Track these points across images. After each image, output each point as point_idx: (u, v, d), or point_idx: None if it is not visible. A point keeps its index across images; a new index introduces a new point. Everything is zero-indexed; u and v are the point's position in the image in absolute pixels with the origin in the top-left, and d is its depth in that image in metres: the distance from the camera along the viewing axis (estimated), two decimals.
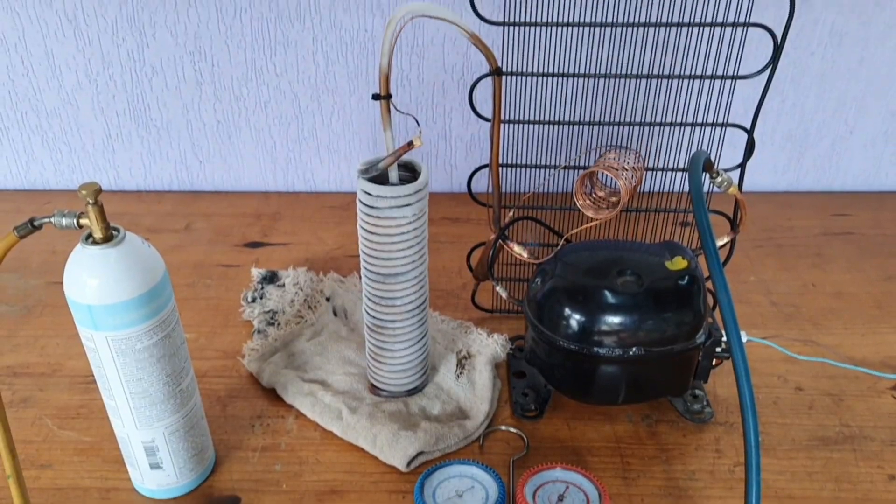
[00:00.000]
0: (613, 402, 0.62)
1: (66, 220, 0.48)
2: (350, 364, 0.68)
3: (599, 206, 0.64)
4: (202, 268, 0.84)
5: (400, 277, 0.57)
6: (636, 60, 0.83)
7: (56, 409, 0.64)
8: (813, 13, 0.88)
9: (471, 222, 0.93)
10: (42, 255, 0.84)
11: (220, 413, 0.64)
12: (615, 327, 0.56)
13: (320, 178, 1.01)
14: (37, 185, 1.02)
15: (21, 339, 0.72)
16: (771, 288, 0.80)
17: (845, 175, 1.01)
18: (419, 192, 0.55)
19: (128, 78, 0.93)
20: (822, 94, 0.94)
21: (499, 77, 0.59)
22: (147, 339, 0.49)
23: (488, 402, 0.63)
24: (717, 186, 0.59)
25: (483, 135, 0.97)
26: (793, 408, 0.64)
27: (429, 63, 0.92)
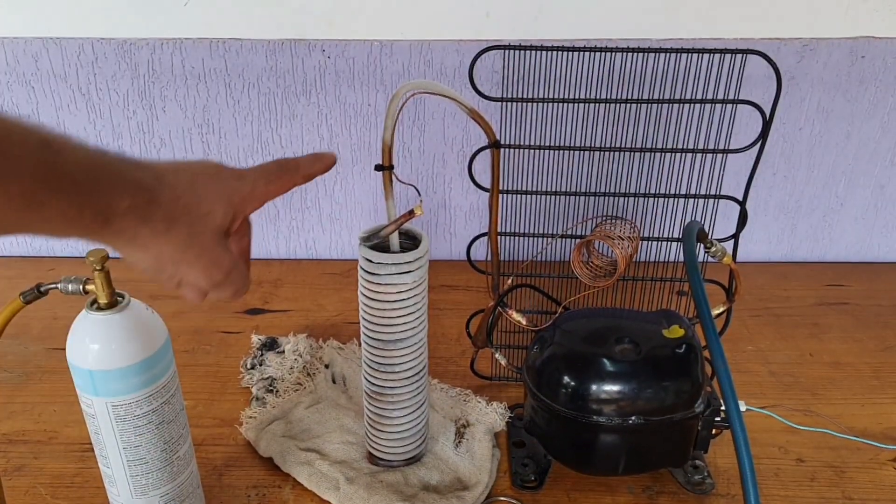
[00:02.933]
0: (614, 472, 0.61)
1: (72, 287, 0.49)
2: (348, 432, 0.67)
3: (596, 274, 0.65)
4: (202, 334, 0.84)
5: (400, 344, 0.58)
6: (630, 134, 0.86)
7: (51, 478, 0.63)
8: (800, 91, 0.91)
9: (470, 290, 0.94)
10: (43, 321, 0.84)
11: (215, 482, 0.63)
12: (614, 395, 0.57)
13: (322, 246, 1.03)
14: (42, 252, 1.03)
15: (18, 406, 0.72)
16: (769, 357, 0.81)
17: (838, 246, 1.02)
18: (419, 260, 0.56)
19: (137, 149, 0.95)
20: (812, 168, 0.97)
21: (497, 149, 0.61)
22: (147, 405, 0.49)
23: (487, 472, 0.63)
24: (712, 256, 0.61)
25: (482, 204, 0.99)
26: (794, 479, 0.63)
27: (430, 135, 0.95)
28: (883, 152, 0.95)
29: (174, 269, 0.40)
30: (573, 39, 0.87)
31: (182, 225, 0.39)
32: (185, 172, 0.41)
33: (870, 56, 0.89)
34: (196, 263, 0.41)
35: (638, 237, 0.64)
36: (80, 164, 0.34)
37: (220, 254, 0.42)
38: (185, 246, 0.39)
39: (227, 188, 0.43)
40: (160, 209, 0.38)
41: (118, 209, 0.36)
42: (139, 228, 0.37)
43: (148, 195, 0.37)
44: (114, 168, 0.36)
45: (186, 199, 0.39)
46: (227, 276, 0.42)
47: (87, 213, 0.35)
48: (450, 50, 0.88)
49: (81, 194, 0.34)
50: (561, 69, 0.68)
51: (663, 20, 0.87)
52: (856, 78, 0.90)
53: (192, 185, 0.40)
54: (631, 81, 0.84)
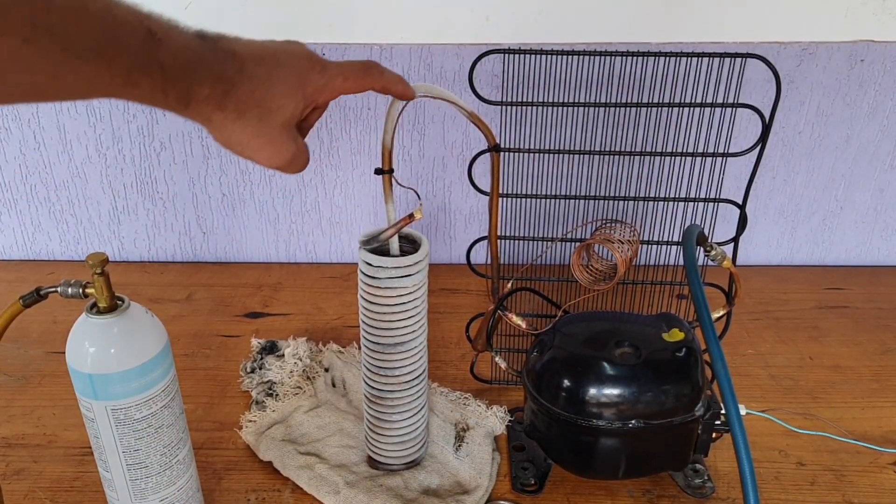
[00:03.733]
0: (614, 476, 0.61)
1: (71, 290, 0.49)
2: (348, 436, 0.67)
3: (596, 277, 0.65)
4: (202, 338, 0.84)
5: (399, 347, 0.58)
6: (630, 138, 0.86)
7: (50, 482, 0.63)
8: (799, 95, 0.91)
9: (470, 293, 0.94)
10: (43, 325, 0.84)
11: (215, 486, 0.63)
12: (614, 399, 0.57)
13: (322, 250, 1.03)
14: (42, 256, 1.03)
15: (17, 410, 0.72)
16: (769, 361, 0.81)
17: (838, 249, 1.03)
18: (419, 264, 0.56)
19: (136, 152, 0.96)
20: (812, 171, 0.97)
21: (497, 153, 0.62)
22: (146, 408, 0.49)
23: (487, 476, 0.63)
24: (712, 260, 0.61)
25: (482, 208, 0.99)
26: (795, 483, 0.63)
27: (430, 139, 0.95)
28: (882, 156, 0.96)
29: (240, 150, 0.45)
30: (573, 43, 0.87)
31: (252, 116, 0.44)
32: (269, 63, 0.45)
33: (869, 60, 0.89)
34: (262, 150, 0.45)
35: (638, 241, 0.64)
36: (173, 54, 0.39)
37: (286, 143, 0.46)
38: (253, 134, 0.44)
39: (304, 81, 0.46)
40: (234, 100, 0.43)
41: (197, 96, 0.41)
42: (214, 114, 0.43)
43: (226, 86, 0.42)
44: (202, 58, 0.41)
45: (261, 93, 0.44)
46: (289, 163, 0.47)
47: (171, 96, 0.40)
48: (450, 54, 0.89)
49: (168, 80, 0.39)
50: (561, 73, 0.69)
51: (663, 24, 0.87)
52: (855, 81, 0.91)
53: (269, 78, 0.44)
54: (631, 85, 0.84)
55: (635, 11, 0.86)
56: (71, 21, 0.34)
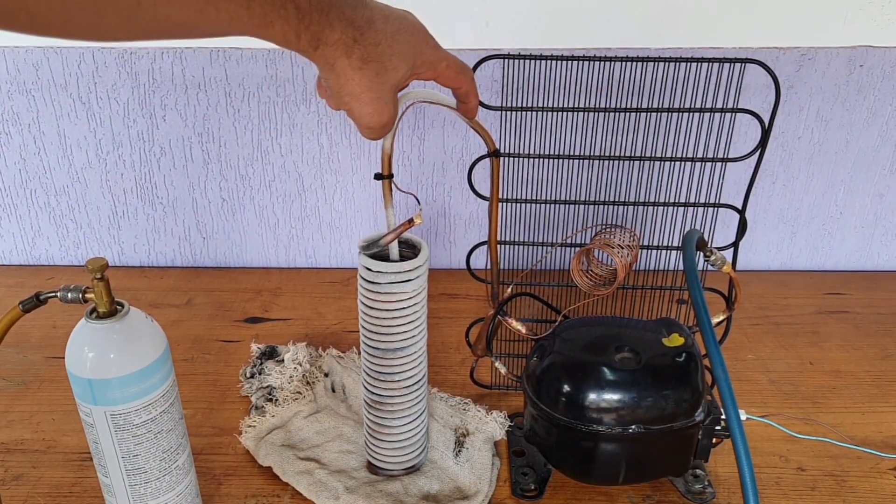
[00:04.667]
0: (614, 481, 0.61)
1: (71, 295, 0.49)
2: (348, 441, 0.67)
3: (596, 283, 0.65)
4: (201, 343, 0.84)
5: (399, 353, 0.58)
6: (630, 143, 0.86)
7: (49, 487, 0.63)
8: (798, 100, 0.92)
9: (469, 298, 0.94)
10: (42, 330, 0.84)
11: (214, 491, 0.63)
12: (614, 404, 0.56)
13: (321, 255, 1.03)
14: (41, 261, 1.03)
15: (16, 415, 0.72)
16: (769, 366, 0.81)
17: (838, 254, 1.03)
18: (419, 269, 0.56)
19: (136, 157, 0.96)
20: (811, 176, 0.97)
21: (497, 158, 0.62)
22: (146, 414, 0.49)
23: (487, 481, 0.62)
24: (712, 265, 0.61)
25: (481, 213, 0.99)
26: (795, 488, 0.63)
27: (429, 144, 0.95)
28: (882, 161, 0.96)
29: (349, 100, 0.46)
30: (572, 48, 0.88)
31: (371, 69, 0.45)
32: (394, 23, 0.46)
33: (868, 65, 0.90)
34: (368, 104, 0.46)
35: (638, 246, 0.64)
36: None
37: (389, 105, 0.47)
38: (367, 86, 0.45)
39: (419, 51, 0.48)
40: (361, 48, 0.44)
41: (328, 40, 0.43)
42: (339, 59, 0.44)
43: (355, 33, 0.44)
44: (337, 3, 0.43)
45: (384, 48, 0.45)
46: (386, 124, 0.48)
47: (304, 38, 0.42)
48: None
49: (302, 22, 0.41)
50: (560, 78, 0.69)
51: (662, 29, 0.87)
52: (854, 86, 0.91)
53: (393, 37, 0.46)
54: (630, 90, 0.84)
55: (635, 17, 0.87)
56: None
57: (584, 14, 0.87)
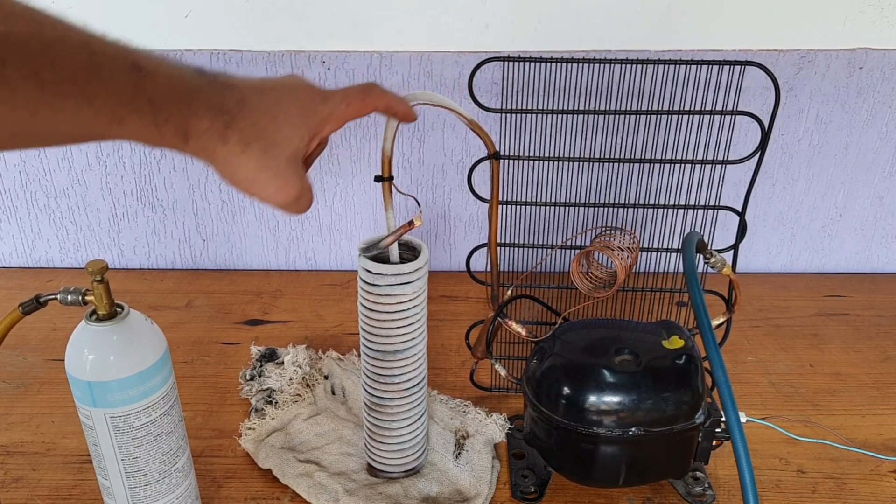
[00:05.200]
0: (614, 484, 0.61)
1: (71, 297, 0.49)
2: (347, 444, 0.67)
3: (596, 285, 0.65)
4: (201, 345, 0.84)
5: (399, 355, 0.58)
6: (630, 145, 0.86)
7: (48, 490, 0.63)
8: (798, 102, 0.92)
9: (469, 300, 0.94)
10: (42, 332, 0.84)
11: (214, 494, 0.63)
12: (614, 406, 0.56)
13: (321, 257, 1.03)
14: (41, 263, 1.03)
15: (16, 417, 0.72)
16: (769, 368, 0.80)
17: (838, 257, 1.03)
18: (419, 271, 0.56)
19: (136, 160, 0.96)
20: (811, 179, 0.97)
21: (496, 160, 0.62)
22: (146, 416, 0.49)
23: (487, 483, 0.62)
24: (712, 267, 0.61)
25: (481, 215, 0.99)
26: (795, 491, 0.63)
27: (429, 146, 0.95)
28: (881, 163, 0.96)
29: (247, 186, 0.43)
30: (572, 51, 0.88)
31: (256, 149, 0.42)
32: (271, 94, 0.43)
33: (867, 67, 0.90)
34: (268, 185, 0.43)
35: (637, 248, 0.64)
36: (164, 88, 0.37)
37: (292, 178, 0.44)
38: (258, 168, 0.42)
39: (308, 111, 0.45)
40: (237, 132, 0.41)
41: (197, 130, 0.39)
42: (217, 148, 0.40)
43: (226, 119, 0.40)
44: (199, 91, 0.39)
45: (264, 124, 0.42)
46: (296, 199, 0.45)
47: (167, 132, 0.38)
48: (449, 61, 0.89)
49: (160, 115, 0.37)
50: (560, 80, 0.69)
51: (662, 31, 0.87)
52: (854, 89, 0.91)
53: (272, 111, 0.43)
54: (630, 92, 0.84)
55: (634, 19, 0.87)
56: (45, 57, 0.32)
57: (583, 16, 0.87)
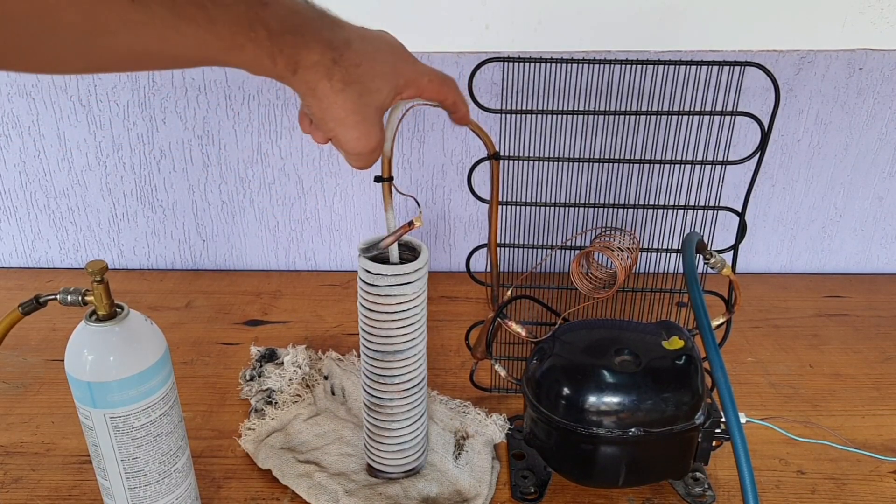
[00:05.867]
0: (614, 484, 0.61)
1: (70, 298, 0.49)
2: (347, 444, 0.67)
3: (596, 285, 0.65)
4: (201, 345, 0.84)
5: (399, 355, 0.58)
6: (630, 146, 0.86)
7: (48, 490, 0.63)
8: (798, 103, 0.92)
9: (469, 301, 0.94)
10: (42, 333, 0.84)
11: (213, 494, 0.63)
12: (613, 407, 0.56)
13: (321, 257, 1.03)
14: (41, 263, 1.03)
15: (16, 418, 0.72)
16: (769, 369, 0.80)
17: (837, 257, 1.03)
18: (419, 271, 0.56)
19: (136, 160, 0.96)
20: (811, 179, 0.97)
21: (496, 161, 0.62)
22: (145, 416, 0.49)
23: (487, 484, 0.62)
24: (712, 268, 0.61)
25: (481, 216, 0.99)
26: (795, 492, 0.63)
27: (429, 147, 0.95)
28: (881, 163, 0.96)
29: (334, 125, 0.44)
30: (572, 51, 0.88)
31: (353, 91, 0.43)
32: (372, 43, 0.45)
33: (867, 68, 0.90)
34: (354, 128, 0.44)
35: (637, 248, 0.64)
36: (282, 19, 0.39)
37: (375, 127, 0.45)
38: (352, 109, 0.43)
39: (398, 70, 0.47)
40: (341, 70, 0.42)
41: (306, 62, 0.41)
42: (321, 82, 0.42)
43: (334, 55, 0.42)
44: (312, 24, 0.41)
45: (364, 69, 0.43)
46: (373, 150, 0.46)
47: (280, 62, 0.40)
48: (449, 62, 0.89)
49: (276, 45, 0.39)
50: (560, 81, 0.69)
51: (662, 32, 0.87)
52: (854, 89, 0.91)
53: (373, 57, 0.44)
54: (630, 93, 0.84)
55: (634, 20, 0.87)
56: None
57: (583, 17, 0.87)
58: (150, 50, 0.35)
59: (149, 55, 0.35)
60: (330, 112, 0.43)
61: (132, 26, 0.33)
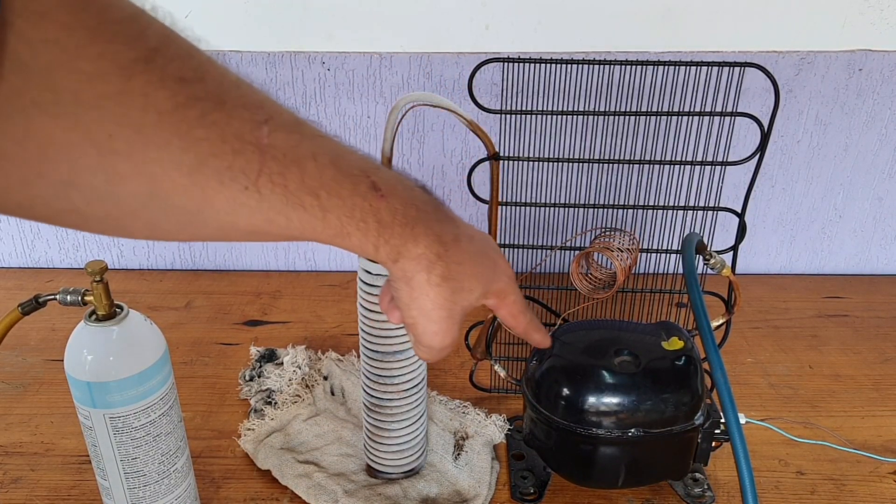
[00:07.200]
0: (613, 485, 0.61)
1: (70, 298, 0.49)
2: (347, 445, 0.67)
3: (596, 286, 0.65)
4: (200, 345, 0.84)
5: (399, 355, 0.58)
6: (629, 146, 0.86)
7: (47, 490, 0.63)
8: (798, 104, 0.92)
9: None
10: (42, 333, 0.84)
11: (213, 495, 0.63)
12: (613, 407, 0.56)
13: (321, 257, 1.03)
14: (41, 263, 1.03)
15: (15, 418, 0.72)
16: (768, 369, 0.80)
17: (837, 258, 1.03)
18: None
19: None
20: (810, 180, 0.97)
21: (496, 161, 0.62)
22: (145, 417, 0.49)
23: (486, 484, 0.62)
24: (711, 268, 0.61)
25: (481, 216, 0.99)
26: (794, 492, 0.63)
27: (429, 147, 0.95)
28: (881, 164, 0.96)
29: (417, 315, 0.43)
30: (572, 52, 0.88)
31: (448, 288, 0.42)
32: (477, 243, 0.44)
33: (867, 69, 0.90)
34: (436, 323, 0.43)
35: (637, 249, 0.65)
36: (394, 211, 0.38)
37: (456, 326, 0.44)
38: (440, 304, 0.42)
39: (495, 277, 0.46)
40: (444, 266, 0.41)
41: (410, 253, 0.40)
42: (419, 273, 0.41)
43: (440, 249, 0.41)
44: (423, 217, 0.40)
45: (466, 268, 0.43)
46: (445, 349, 0.45)
47: (383, 251, 0.39)
48: (449, 62, 0.89)
49: (382, 236, 0.38)
50: (560, 81, 0.69)
51: (662, 33, 0.87)
52: (853, 90, 0.91)
53: (473, 259, 0.43)
54: (630, 93, 0.84)
55: (634, 21, 0.87)
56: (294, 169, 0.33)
57: (583, 17, 0.87)
58: (253, 230, 0.34)
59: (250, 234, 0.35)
60: (418, 302, 0.42)
61: (241, 210, 0.32)
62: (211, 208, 0.32)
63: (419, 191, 0.40)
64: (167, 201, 0.31)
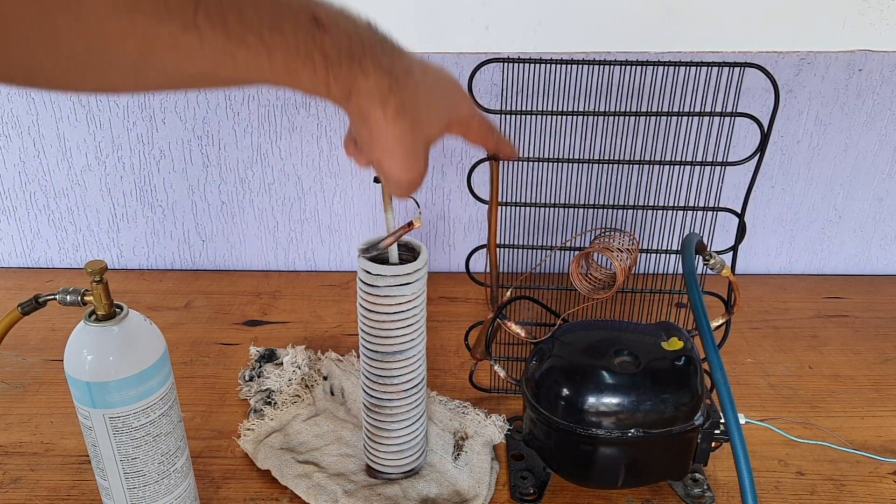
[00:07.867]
0: (613, 485, 0.61)
1: (70, 298, 0.49)
2: (346, 445, 0.67)
3: (595, 286, 0.65)
4: (200, 345, 0.84)
5: (398, 356, 0.58)
6: (629, 147, 0.86)
7: (47, 490, 0.63)
8: (798, 104, 0.92)
9: (469, 302, 0.94)
10: (41, 333, 0.84)
11: (212, 495, 0.63)
12: (613, 408, 0.56)
13: (321, 258, 1.03)
14: (41, 263, 1.03)
15: (15, 418, 0.72)
16: (768, 370, 0.80)
17: (837, 258, 1.03)
18: (418, 272, 0.56)
19: (136, 160, 0.96)
20: (810, 180, 0.97)
21: (496, 161, 0.62)
22: (144, 417, 0.49)
23: (486, 485, 0.62)
24: (711, 268, 0.61)
25: (481, 216, 0.99)
26: (794, 493, 0.63)
27: None
28: (881, 165, 0.96)
29: (380, 154, 0.43)
30: (572, 52, 0.88)
31: (406, 121, 0.42)
32: (431, 75, 0.44)
33: (867, 69, 0.90)
34: (400, 158, 0.43)
35: (637, 249, 0.65)
36: (340, 46, 0.38)
37: (421, 160, 0.44)
38: (400, 139, 0.42)
39: (453, 106, 0.46)
40: (396, 98, 0.41)
41: (362, 87, 0.39)
42: (374, 110, 0.41)
43: (391, 82, 0.40)
44: (371, 50, 0.39)
45: (419, 100, 0.42)
46: (416, 181, 0.45)
47: (335, 88, 0.39)
48: (449, 62, 0.89)
49: (331, 71, 0.38)
50: (560, 82, 0.69)
51: (662, 33, 0.87)
52: (853, 91, 0.91)
53: (429, 91, 0.43)
54: (629, 94, 0.84)
55: (634, 21, 0.87)
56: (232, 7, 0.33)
57: (583, 17, 0.87)
58: (202, 73, 0.34)
59: (200, 78, 0.35)
60: (378, 140, 0.42)
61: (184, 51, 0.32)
62: (154, 52, 0.32)
63: (365, 25, 0.40)
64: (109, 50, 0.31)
